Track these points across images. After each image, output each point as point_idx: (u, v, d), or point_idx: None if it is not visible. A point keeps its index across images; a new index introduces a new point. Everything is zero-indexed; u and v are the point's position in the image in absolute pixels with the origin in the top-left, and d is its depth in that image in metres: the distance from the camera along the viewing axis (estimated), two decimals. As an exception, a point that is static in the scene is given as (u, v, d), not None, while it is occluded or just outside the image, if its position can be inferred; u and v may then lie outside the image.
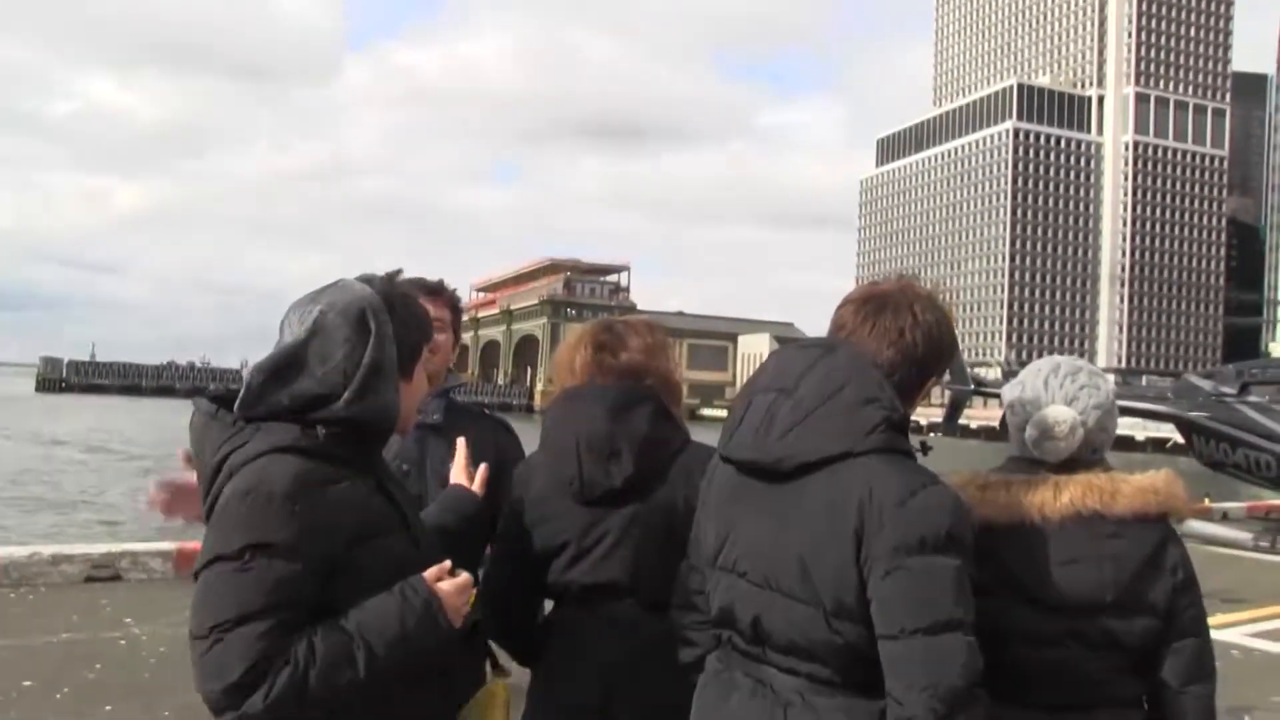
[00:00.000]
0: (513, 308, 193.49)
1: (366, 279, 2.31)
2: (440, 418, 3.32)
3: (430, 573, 2.14)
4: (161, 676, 7.03)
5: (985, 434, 66.24)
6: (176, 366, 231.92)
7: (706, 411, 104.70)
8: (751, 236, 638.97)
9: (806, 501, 2.14)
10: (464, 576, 2.18)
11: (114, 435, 59.35)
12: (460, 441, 2.80)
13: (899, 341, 2.34)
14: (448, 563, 2.18)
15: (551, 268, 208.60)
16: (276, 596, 1.97)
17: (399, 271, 2.44)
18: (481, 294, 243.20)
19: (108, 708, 6.36)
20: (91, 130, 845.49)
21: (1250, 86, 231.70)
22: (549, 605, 2.90)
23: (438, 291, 3.34)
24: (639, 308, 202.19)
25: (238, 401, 2.16)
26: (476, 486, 2.69)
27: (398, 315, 2.24)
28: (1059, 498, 2.38)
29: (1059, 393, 2.45)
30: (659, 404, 2.80)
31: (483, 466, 2.73)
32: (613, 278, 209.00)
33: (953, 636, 2.01)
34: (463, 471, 2.73)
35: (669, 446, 2.75)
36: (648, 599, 2.64)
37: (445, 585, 2.13)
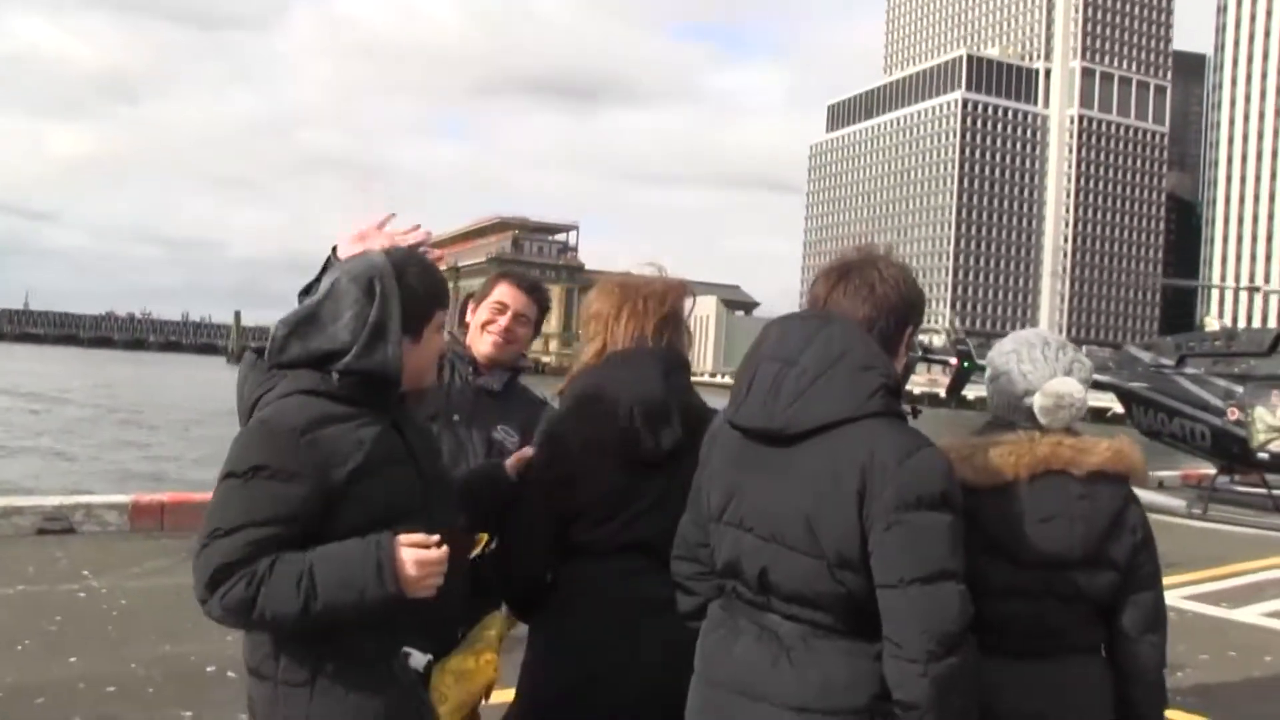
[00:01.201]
0: (460, 265, 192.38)
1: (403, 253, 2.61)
2: (499, 388, 3.59)
3: (409, 538, 2.27)
4: (125, 628, 7.05)
5: (929, 400, 66.86)
6: (115, 317, 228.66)
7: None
8: (699, 198, 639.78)
9: (811, 462, 2.30)
10: (436, 553, 2.27)
11: (50, 384, 58.61)
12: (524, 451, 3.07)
13: (871, 296, 2.51)
14: (435, 537, 2.29)
15: (500, 225, 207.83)
16: (272, 512, 2.24)
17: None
18: (428, 250, 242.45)
19: (72, 659, 6.33)
20: (28, 73, 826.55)
21: (1190, 65, 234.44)
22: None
23: (531, 290, 3.64)
24: (586, 267, 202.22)
25: (266, 352, 2.49)
26: (515, 461, 2.96)
27: (406, 282, 2.44)
28: (1035, 458, 2.56)
29: (1058, 365, 2.64)
30: (689, 370, 3.02)
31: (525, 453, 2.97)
32: (560, 237, 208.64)
33: (948, 585, 2.20)
34: (516, 460, 2.99)
35: (706, 413, 2.88)
36: (668, 556, 2.76)
37: (410, 553, 2.25)
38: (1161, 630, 2.65)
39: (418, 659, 2.38)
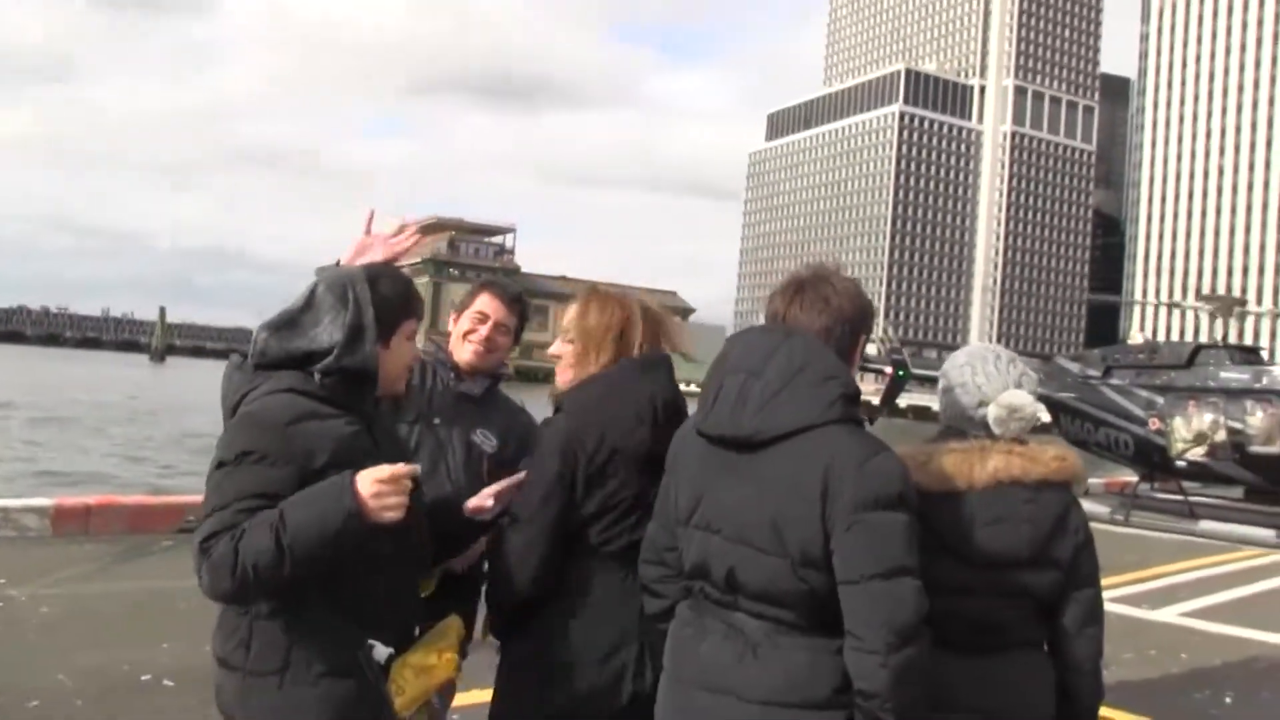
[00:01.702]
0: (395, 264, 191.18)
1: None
2: (479, 393, 3.70)
3: (370, 470, 2.39)
4: (49, 639, 6.74)
5: (864, 409, 67.34)
6: (28, 311, 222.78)
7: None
8: (637, 202, 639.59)
9: (776, 467, 2.43)
10: (390, 469, 2.37)
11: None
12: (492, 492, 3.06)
13: (827, 308, 2.67)
14: (399, 466, 2.41)
15: (436, 226, 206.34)
16: (259, 489, 2.40)
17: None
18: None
19: (-9, 676, 6.00)
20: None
21: (1116, 88, 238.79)
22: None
23: (513, 301, 3.75)
24: (523, 270, 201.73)
25: (250, 353, 2.65)
26: (475, 504, 2.98)
27: (378, 292, 2.63)
28: (986, 465, 2.72)
29: (1009, 378, 2.81)
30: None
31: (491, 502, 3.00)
32: (498, 239, 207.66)
33: (905, 580, 2.34)
34: (490, 495, 3.00)
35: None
36: None
37: (368, 474, 2.37)
38: (1100, 624, 2.81)
39: (380, 652, 2.51)
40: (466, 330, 3.66)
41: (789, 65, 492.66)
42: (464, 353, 3.65)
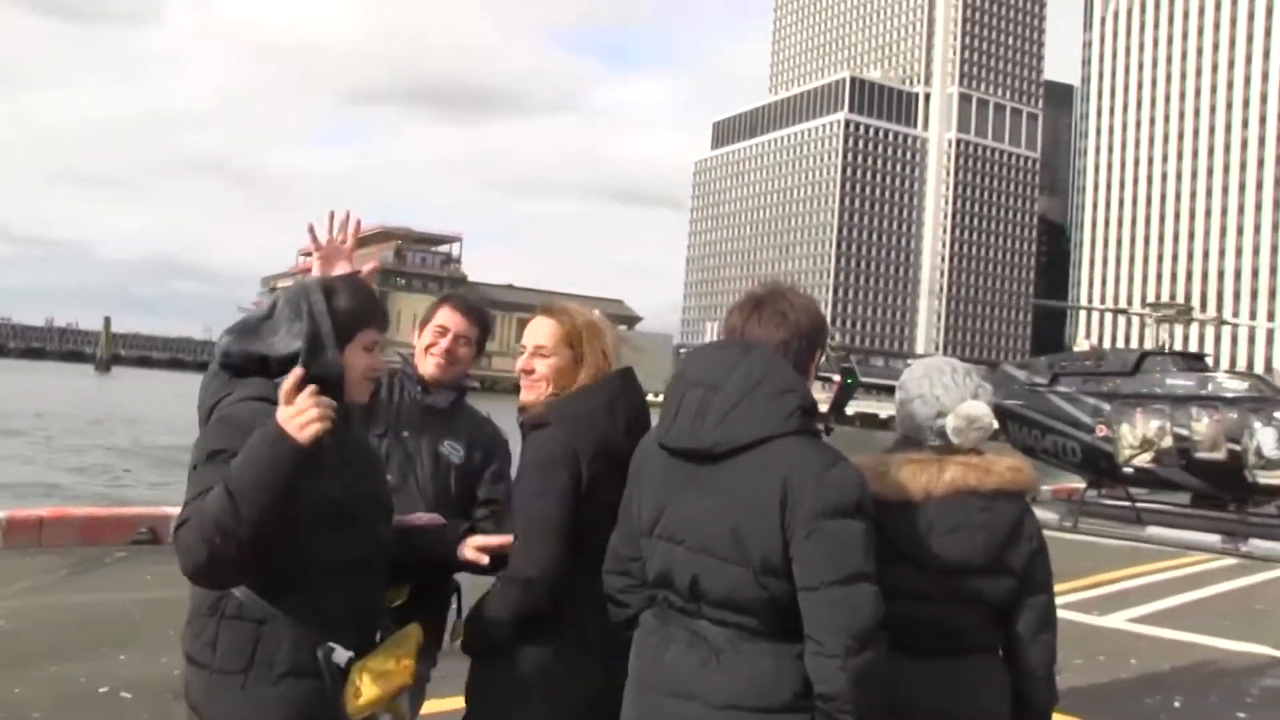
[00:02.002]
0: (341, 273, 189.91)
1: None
2: (446, 405, 3.76)
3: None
4: (4, 652, 6.67)
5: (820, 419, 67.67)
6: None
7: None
8: (582, 211, 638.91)
9: (736, 478, 2.51)
10: (290, 379, 2.46)
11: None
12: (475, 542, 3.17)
13: (785, 322, 2.76)
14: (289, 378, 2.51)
15: (383, 235, 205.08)
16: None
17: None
18: (307, 258, 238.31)
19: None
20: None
21: (1060, 95, 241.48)
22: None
23: (470, 312, 3.81)
24: (470, 279, 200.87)
25: (215, 355, 2.80)
26: (472, 558, 3.11)
27: (333, 304, 2.71)
28: (943, 476, 2.82)
29: (966, 390, 2.90)
30: None
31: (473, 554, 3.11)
32: (444, 248, 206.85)
33: (863, 586, 2.41)
34: (471, 549, 3.13)
35: None
36: None
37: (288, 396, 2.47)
38: (1053, 630, 2.90)
39: (340, 654, 2.57)
40: (428, 344, 3.72)
41: (734, 74, 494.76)
42: (427, 366, 3.71)
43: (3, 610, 7.61)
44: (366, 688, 2.59)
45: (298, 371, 2.49)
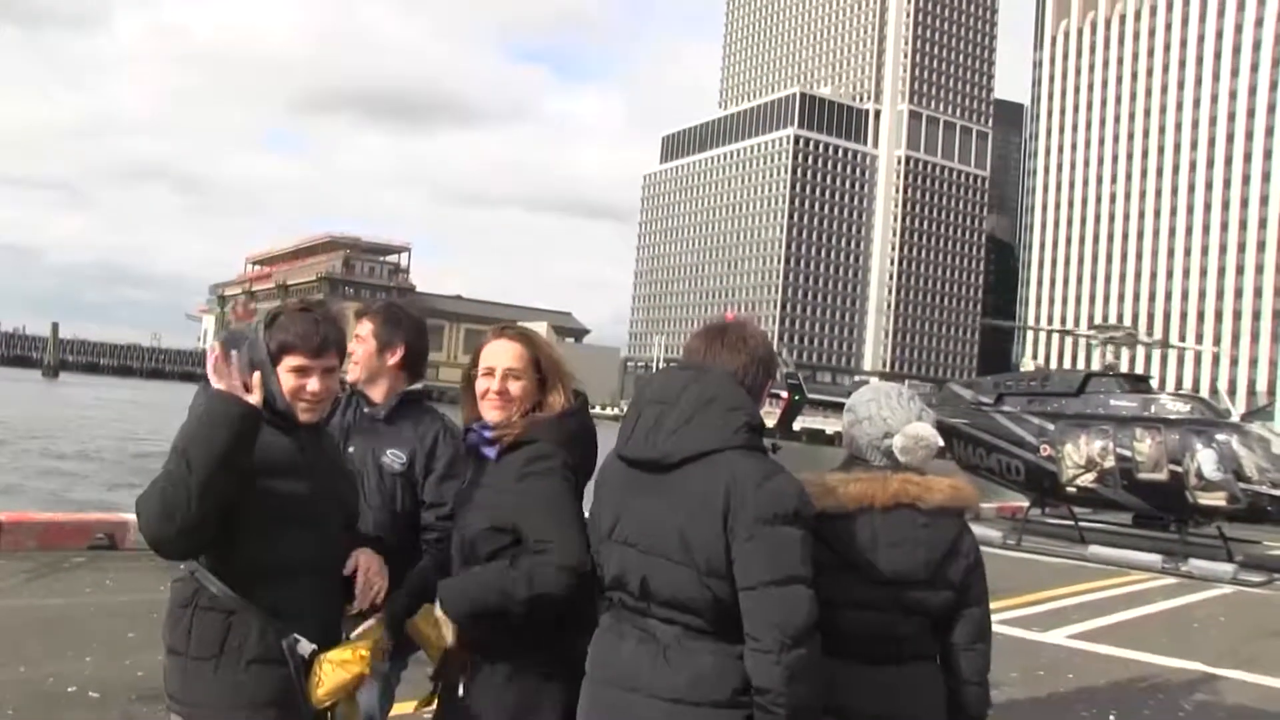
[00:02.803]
0: (289, 283, 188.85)
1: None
2: (384, 415, 3.98)
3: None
4: None
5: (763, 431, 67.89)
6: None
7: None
8: (530, 222, 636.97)
9: (685, 486, 2.74)
10: (215, 355, 2.80)
11: None
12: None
13: (745, 347, 3.04)
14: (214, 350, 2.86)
15: (331, 244, 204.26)
16: None
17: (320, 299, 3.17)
18: (257, 267, 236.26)
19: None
20: None
21: (1009, 114, 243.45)
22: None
23: (359, 316, 4.04)
24: (417, 289, 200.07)
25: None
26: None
27: (269, 330, 3.01)
28: (887, 492, 3.05)
29: (911, 412, 3.15)
30: None
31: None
32: (393, 258, 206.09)
33: (797, 588, 2.64)
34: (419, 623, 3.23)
35: None
36: None
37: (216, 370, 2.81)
38: (988, 640, 3.15)
39: (304, 646, 2.88)
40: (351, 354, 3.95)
41: (683, 88, 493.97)
42: (350, 376, 3.95)
43: None
44: (327, 677, 2.88)
45: (216, 350, 2.82)
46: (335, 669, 2.89)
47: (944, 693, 3.08)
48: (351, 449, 3.86)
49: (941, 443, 3.33)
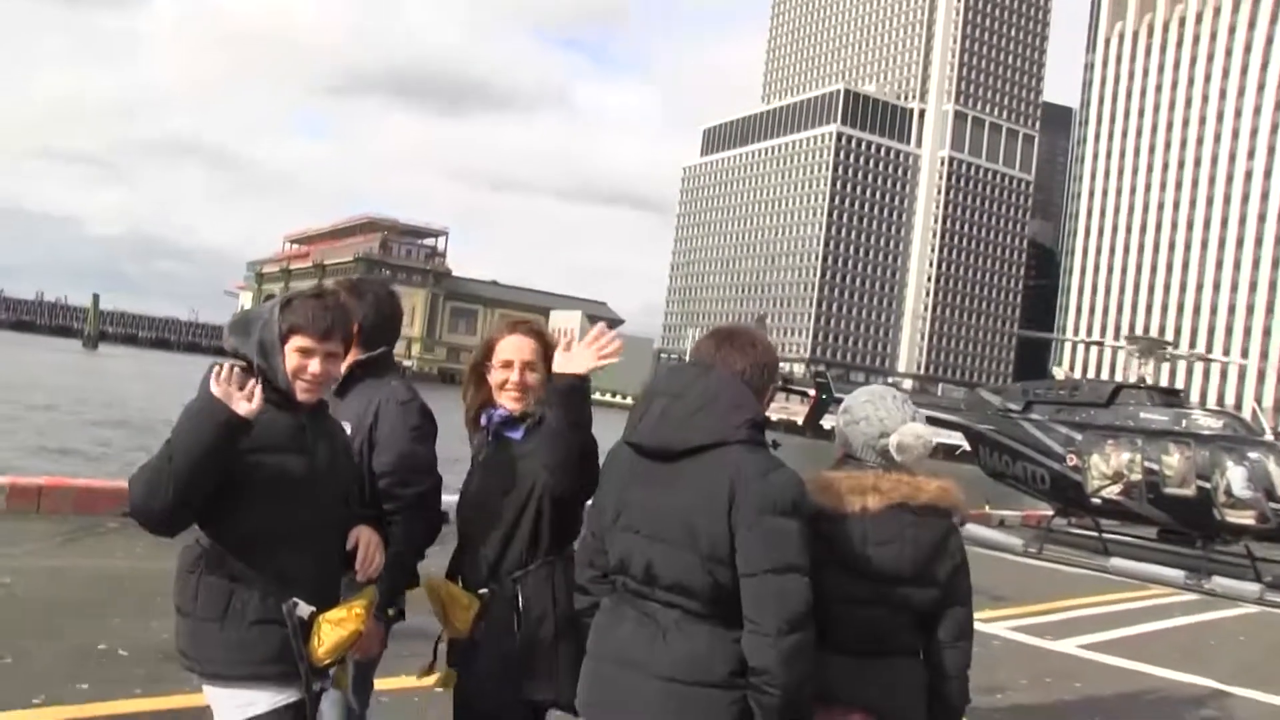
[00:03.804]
0: (326, 263, 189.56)
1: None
2: (332, 393, 3.88)
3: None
4: (13, 607, 7.22)
5: (785, 427, 68.20)
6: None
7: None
8: (563, 211, 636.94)
9: (690, 476, 2.89)
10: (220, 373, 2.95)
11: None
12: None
13: (752, 350, 3.16)
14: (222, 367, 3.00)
15: (369, 225, 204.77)
16: None
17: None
18: (294, 245, 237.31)
19: (-37, 635, 6.43)
20: None
21: (1057, 117, 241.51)
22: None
23: (356, 291, 4.15)
24: (453, 274, 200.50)
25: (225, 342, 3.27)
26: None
27: (282, 312, 3.19)
28: (879, 491, 3.20)
29: (906, 414, 3.31)
30: None
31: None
32: (430, 241, 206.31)
33: (794, 576, 2.78)
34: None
35: None
36: None
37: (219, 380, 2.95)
38: (970, 637, 3.29)
39: (303, 609, 3.08)
40: None
41: (722, 80, 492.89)
42: None
43: (8, 569, 8.14)
44: (326, 636, 3.09)
45: (233, 364, 3.01)
46: (333, 628, 3.09)
47: (924, 686, 3.23)
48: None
49: (935, 442, 3.46)
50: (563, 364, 3.35)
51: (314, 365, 3.19)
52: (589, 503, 3.31)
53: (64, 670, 6.02)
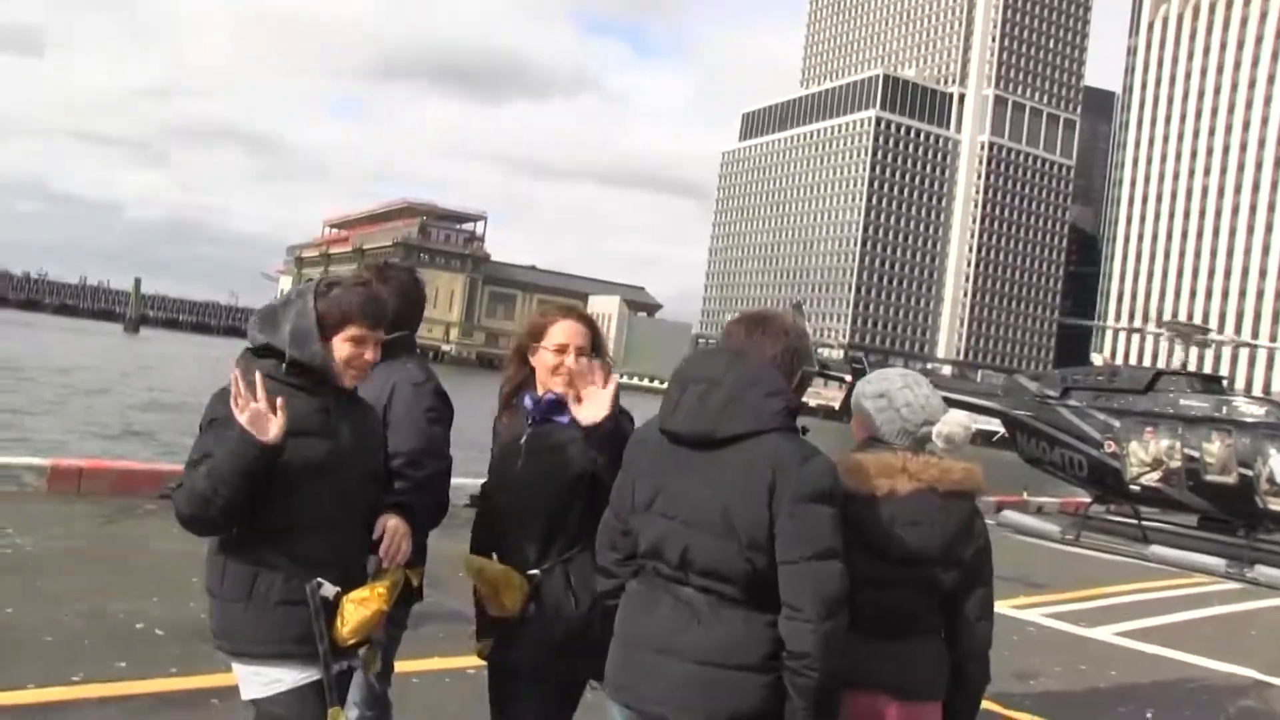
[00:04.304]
0: (365, 247, 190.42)
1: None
2: None
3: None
4: (55, 585, 7.36)
5: (824, 413, 68.18)
6: (10, 275, 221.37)
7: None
8: (601, 196, 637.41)
9: (730, 464, 2.90)
10: (240, 386, 3.01)
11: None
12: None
13: (783, 338, 3.19)
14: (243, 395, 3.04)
15: (408, 210, 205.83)
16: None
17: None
18: (334, 230, 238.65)
19: (8, 610, 6.64)
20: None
21: (1099, 102, 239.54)
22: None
23: (382, 275, 4.17)
24: (492, 258, 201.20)
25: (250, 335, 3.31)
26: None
27: (321, 303, 3.21)
28: (908, 474, 3.22)
29: (938, 401, 3.35)
30: None
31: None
32: (468, 226, 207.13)
33: (834, 562, 2.83)
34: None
35: None
36: None
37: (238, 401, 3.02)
38: (991, 617, 3.32)
39: (328, 589, 3.14)
40: None
41: (758, 65, 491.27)
42: None
43: (50, 549, 8.36)
44: (350, 615, 3.15)
45: (245, 380, 3.02)
46: (357, 608, 3.15)
47: (946, 665, 3.26)
48: None
49: (988, 424, 3.48)
50: (590, 415, 3.40)
51: (368, 354, 3.26)
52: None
53: (102, 649, 6.14)
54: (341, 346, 3.21)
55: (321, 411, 3.19)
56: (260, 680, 3.13)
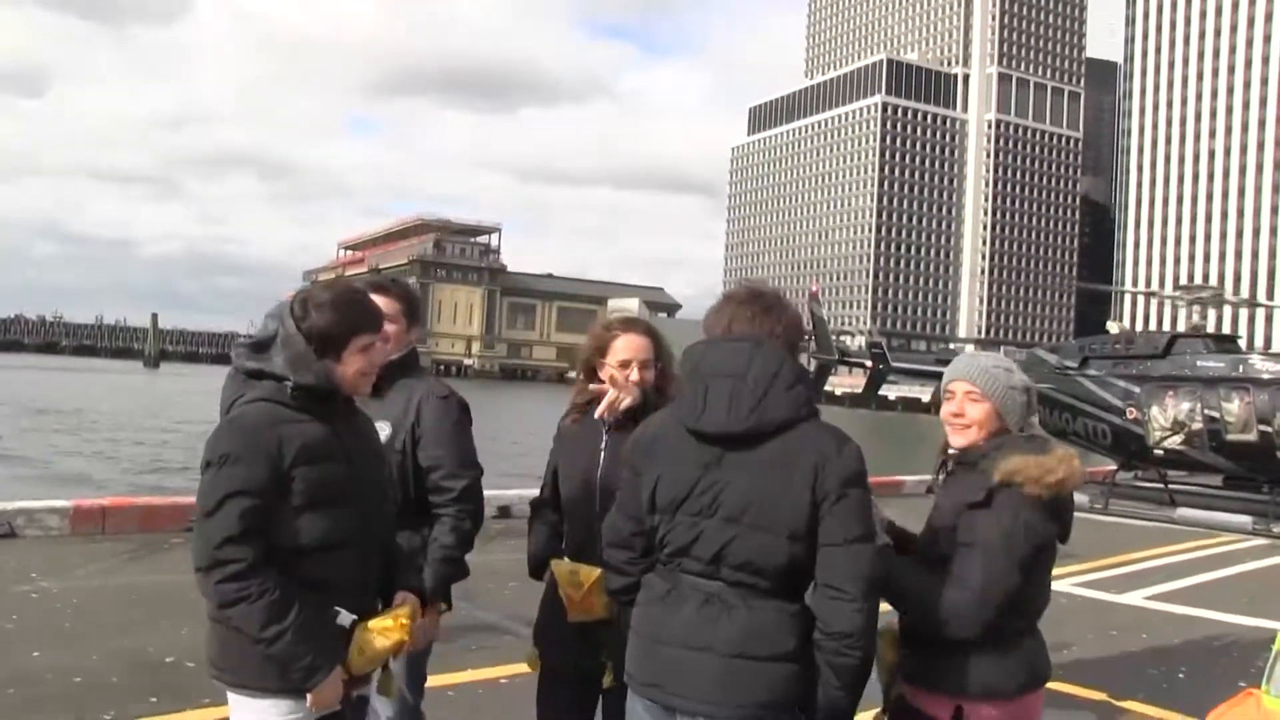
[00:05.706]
0: (381, 266, 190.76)
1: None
2: (369, 390, 3.95)
3: (329, 684, 2.98)
4: (82, 625, 7.38)
5: (850, 400, 68.25)
6: (25, 320, 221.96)
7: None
8: (616, 199, 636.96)
9: (769, 457, 2.92)
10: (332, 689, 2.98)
11: None
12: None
13: (782, 315, 3.16)
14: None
15: (421, 227, 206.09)
16: (238, 488, 2.91)
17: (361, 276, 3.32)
18: (349, 252, 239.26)
19: (35, 654, 6.65)
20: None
21: (1102, 72, 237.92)
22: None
23: (384, 288, 4.07)
24: (509, 269, 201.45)
25: (238, 364, 3.16)
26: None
27: (309, 324, 3.08)
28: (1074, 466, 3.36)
29: None
30: None
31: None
32: (483, 239, 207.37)
33: (872, 544, 2.92)
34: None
35: None
36: None
37: (327, 686, 2.98)
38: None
39: (345, 617, 3.03)
40: None
41: (766, 59, 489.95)
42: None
43: (78, 589, 8.34)
44: (367, 645, 3.06)
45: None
46: (376, 636, 3.07)
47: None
48: None
49: None
50: None
51: (376, 356, 3.24)
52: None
53: (134, 685, 6.17)
54: (354, 360, 3.13)
55: (333, 435, 3.08)
56: (264, 714, 3.02)
